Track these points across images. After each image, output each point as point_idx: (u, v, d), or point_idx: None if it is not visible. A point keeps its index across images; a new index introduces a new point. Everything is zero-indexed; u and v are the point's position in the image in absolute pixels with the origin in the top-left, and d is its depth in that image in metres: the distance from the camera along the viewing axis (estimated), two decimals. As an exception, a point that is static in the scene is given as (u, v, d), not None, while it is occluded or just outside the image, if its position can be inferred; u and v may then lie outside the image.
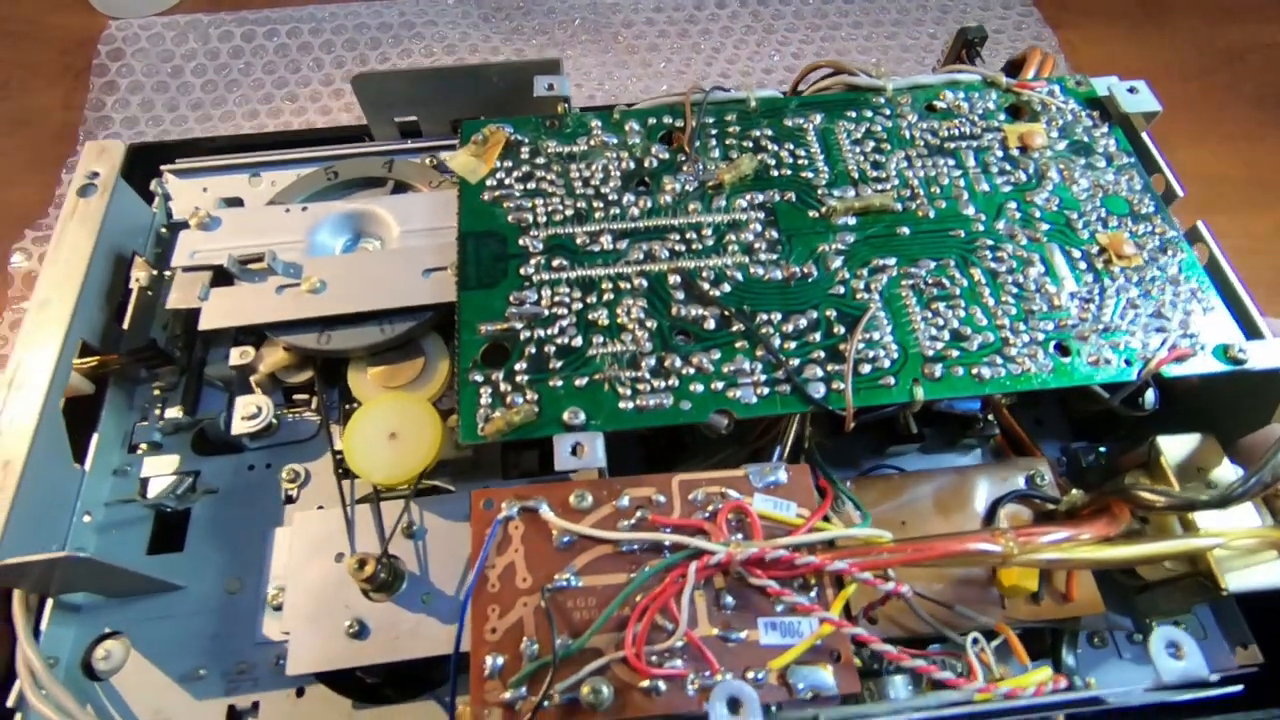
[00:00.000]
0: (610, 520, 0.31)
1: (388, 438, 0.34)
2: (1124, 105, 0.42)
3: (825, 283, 0.36)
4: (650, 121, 0.41)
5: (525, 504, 0.30)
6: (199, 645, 0.35)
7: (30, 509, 0.31)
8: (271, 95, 0.73)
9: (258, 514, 0.37)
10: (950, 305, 0.36)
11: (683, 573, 0.29)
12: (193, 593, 0.36)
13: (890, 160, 0.40)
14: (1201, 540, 0.32)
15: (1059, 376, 0.34)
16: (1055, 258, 0.37)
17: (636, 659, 0.27)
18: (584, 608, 0.29)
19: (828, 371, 0.34)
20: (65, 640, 0.34)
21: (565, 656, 0.28)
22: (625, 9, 0.80)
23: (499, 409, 0.33)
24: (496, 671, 0.28)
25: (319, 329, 0.37)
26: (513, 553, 0.30)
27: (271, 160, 0.45)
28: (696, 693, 0.27)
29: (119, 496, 0.38)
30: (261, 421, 0.37)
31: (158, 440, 0.39)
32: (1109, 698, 0.29)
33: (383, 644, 0.32)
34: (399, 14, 0.79)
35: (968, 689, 0.28)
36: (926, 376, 0.34)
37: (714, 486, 0.31)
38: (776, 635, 0.29)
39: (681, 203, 0.38)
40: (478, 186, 0.39)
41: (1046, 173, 0.40)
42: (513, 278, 0.36)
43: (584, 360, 0.34)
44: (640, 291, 0.36)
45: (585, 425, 0.32)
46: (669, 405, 0.33)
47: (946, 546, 0.30)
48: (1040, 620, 0.34)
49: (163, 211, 0.44)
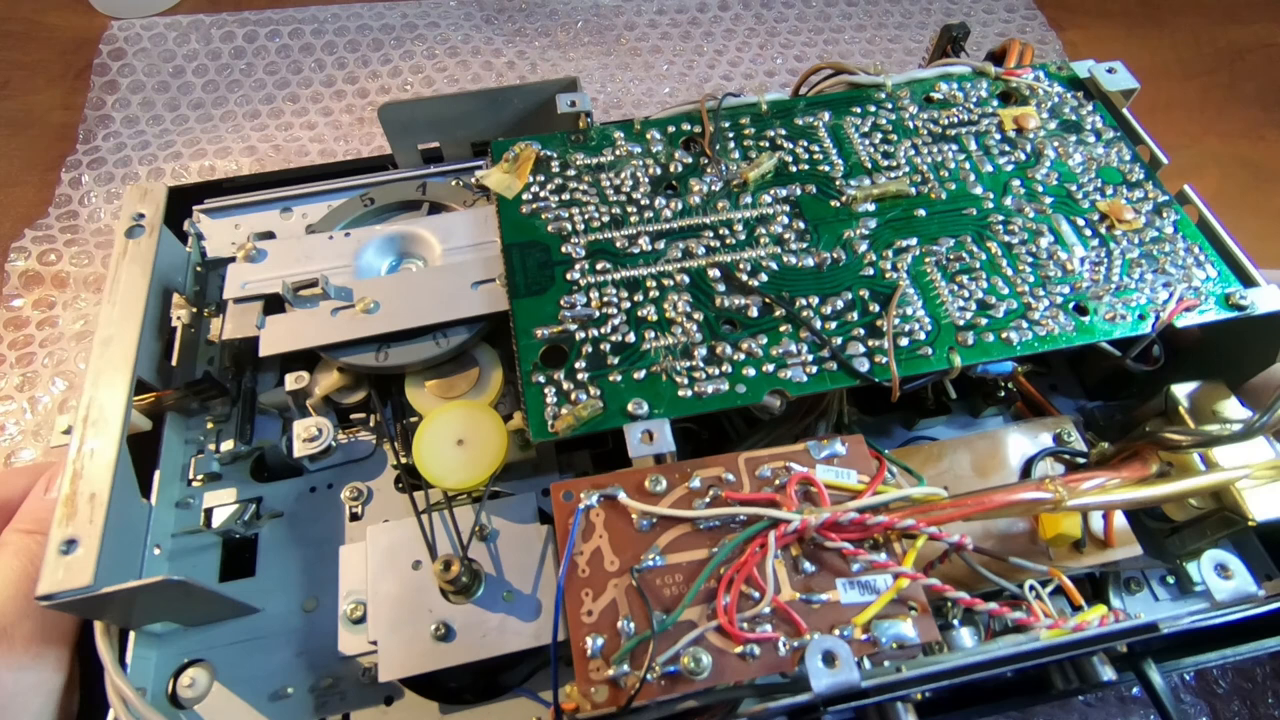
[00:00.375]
0: (685, 500, 0.32)
1: (455, 445, 0.36)
2: (1104, 85, 0.45)
3: (855, 265, 0.38)
4: (670, 129, 0.43)
5: (604, 492, 0.32)
6: (282, 665, 0.35)
7: (111, 542, 0.32)
8: (273, 96, 0.74)
9: (325, 533, 0.38)
10: (973, 277, 0.38)
11: (762, 543, 0.31)
12: (270, 614, 0.36)
13: (899, 149, 0.43)
14: (1228, 473, 0.34)
15: (1081, 334, 0.36)
16: (1062, 227, 0.40)
17: (730, 626, 0.29)
18: (671, 584, 0.30)
19: (869, 347, 0.36)
20: (148, 669, 0.34)
21: (661, 630, 0.29)
22: (628, 11, 0.81)
23: (565, 406, 0.34)
24: (598, 651, 0.29)
25: (376, 347, 0.38)
26: (597, 539, 0.31)
27: (301, 194, 0.46)
28: (789, 653, 0.29)
29: (185, 528, 0.38)
30: (323, 443, 0.38)
31: (217, 471, 0.40)
32: (1164, 624, 0.31)
33: (471, 643, 0.33)
34: (401, 15, 0.79)
35: (1039, 625, 0.30)
36: (960, 344, 0.36)
37: (777, 462, 0.33)
38: (856, 593, 0.30)
39: (710, 202, 0.41)
40: (515, 201, 0.40)
41: (1043, 151, 0.43)
42: (560, 283, 0.38)
43: (639, 354, 0.35)
44: (683, 287, 0.37)
45: (649, 415, 0.34)
46: (725, 390, 0.35)
47: (1003, 497, 0.32)
48: (1084, 566, 0.36)
49: (196, 250, 0.45)
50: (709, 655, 0.28)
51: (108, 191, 0.67)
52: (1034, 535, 0.37)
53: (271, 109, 0.73)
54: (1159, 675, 0.36)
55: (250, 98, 0.74)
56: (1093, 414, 0.44)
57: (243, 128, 0.72)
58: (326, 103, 0.74)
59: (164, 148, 0.70)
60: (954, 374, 0.36)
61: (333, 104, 0.74)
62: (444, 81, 0.75)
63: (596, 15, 0.80)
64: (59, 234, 0.64)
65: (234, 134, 0.71)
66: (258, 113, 0.73)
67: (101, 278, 0.62)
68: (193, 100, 0.73)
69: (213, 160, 0.69)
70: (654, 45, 0.79)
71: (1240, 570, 0.30)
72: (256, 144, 0.71)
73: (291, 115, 0.73)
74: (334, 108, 0.73)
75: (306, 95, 0.74)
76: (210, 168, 0.69)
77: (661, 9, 0.82)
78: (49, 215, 0.65)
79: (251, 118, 0.73)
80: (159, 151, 0.69)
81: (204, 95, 0.74)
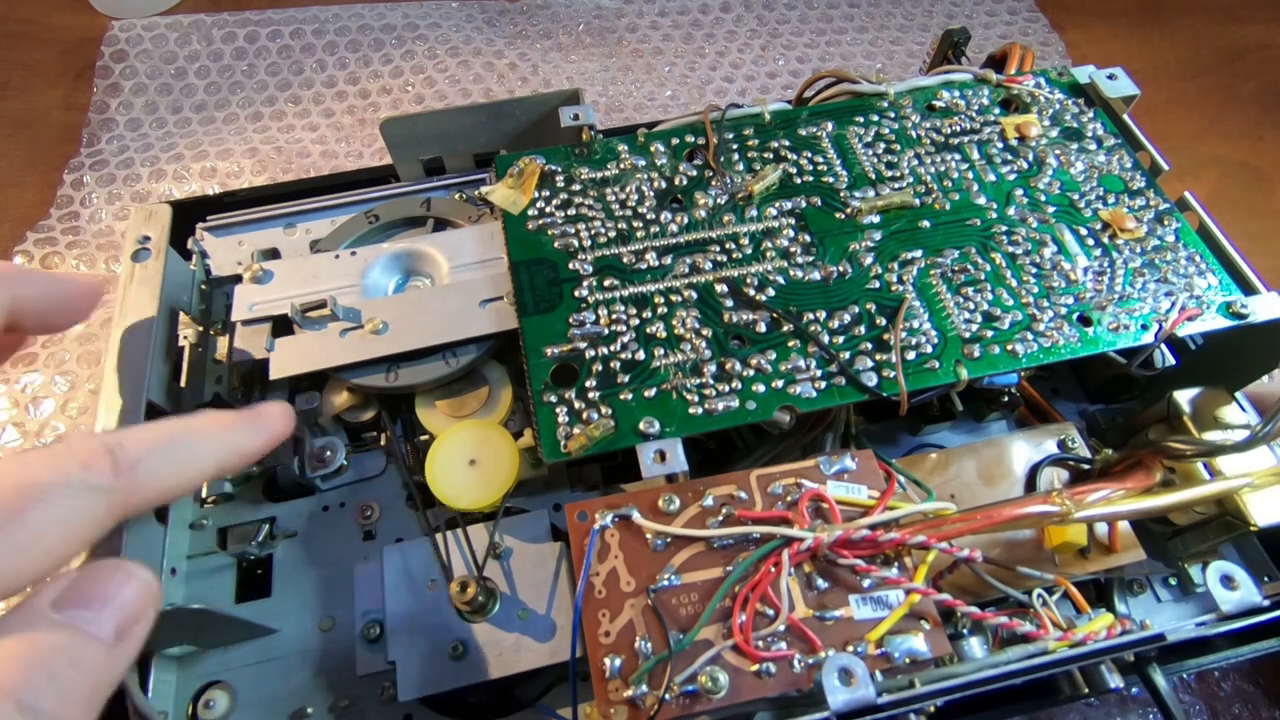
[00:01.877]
0: (699, 519, 0.32)
1: (468, 465, 0.36)
2: (1105, 91, 0.45)
3: (861, 278, 0.39)
4: (674, 141, 0.43)
5: (618, 512, 0.32)
6: (300, 686, 0.36)
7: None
8: (275, 97, 0.73)
9: (339, 552, 0.38)
10: (978, 289, 0.38)
11: (775, 561, 0.31)
12: (287, 635, 0.36)
13: (902, 159, 0.43)
14: (1232, 481, 0.35)
15: (1086, 345, 0.37)
16: (1065, 236, 0.40)
17: (746, 644, 0.29)
18: (687, 603, 0.31)
19: (877, 361, 0.36)
20: (169, 693, 0.35)
21: (679, 650, 0.29)
22: (630, 14, 0.81)
23: (577, 425, 0.34)
24: (616, 671, 0.29)
25: (386, 368, 0.38)
26: (613, 559, 0.32)
27: (305, 209, 0.46)
28: (804, 670, 0.29)
29: (199, 550, 0.38)
30: (336, 463, 0.38)
31: (229, 491, 0.40)
32: (1170, 634, 0.32)
33: (488, 662, 0.34)
34: (403, 16, 0.79)
35: (1047, 638, 0.31)
36: (966, 356, 0.36)
37: (789, 478, 0.34)
38: (869, 609, 0.31)
39: (716, 216, 0.41)
40: (521, 217, 0.40)
41: (1045, 159, 0.43)
42: (569, 301, 0.38)
43: (649, 372, 0.36)
44: (691, 303, 0.38)
45: (661, 433, 0.34)
46: (736, 406, 0.35)
47: (1011, 511, 0.32)
48: (1090, 573, 0.37)
49: (200, 268, 0.45)
50: (726, 674, 0.29)
51: (109, 193, 0.67)
52: (1040, 542, 0.37)
53: (274, 110, 0.73)
54: (1163, 678, 0.37)
55: (252, 99, 0.73)
56: (1095, 417, 0.44)
57: (245, 129, 0.71)
58: (329, 104, 0.73)
59: (166, 149, 0.69)
60: (960, 387, 0.36)
61: (335, 105, 0.73)
62: (445, 82, 0.75)
63: (598, 17, 0.80)
64: (60, 235, 0.64)
65: (236, 136, 0.71)
66: (260, 114, 0.72)
67: (103, 279, 0.61)
68: (195, 102, 0.73)
69: (214, 162, 0.69)
70: (655, 47, 0.79)
71: (1245, 581, 0.31)
72: (259, 145, 0.70)
73: (294, 117, 0.72)
74: (336, 109, 0.73)
75: (309, 96, 0.74)
76: (212, 169, 0.68)
77: (663, 11, 0.82)
78: (50, 216, 0.65)
79: (254, 119, 0.72)
80: (161, 154, 0.69)
81: (206, 97, 0.73)
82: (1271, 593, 0.41)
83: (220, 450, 0.24)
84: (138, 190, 0.67)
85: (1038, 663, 0.30)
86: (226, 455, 0.25)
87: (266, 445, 0.26)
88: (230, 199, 0.49)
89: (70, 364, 0.58)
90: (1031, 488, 0.39)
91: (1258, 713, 0.44)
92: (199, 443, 0.24)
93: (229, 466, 0.25)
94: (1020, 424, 0.44)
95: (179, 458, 0.23)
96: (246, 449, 0.25)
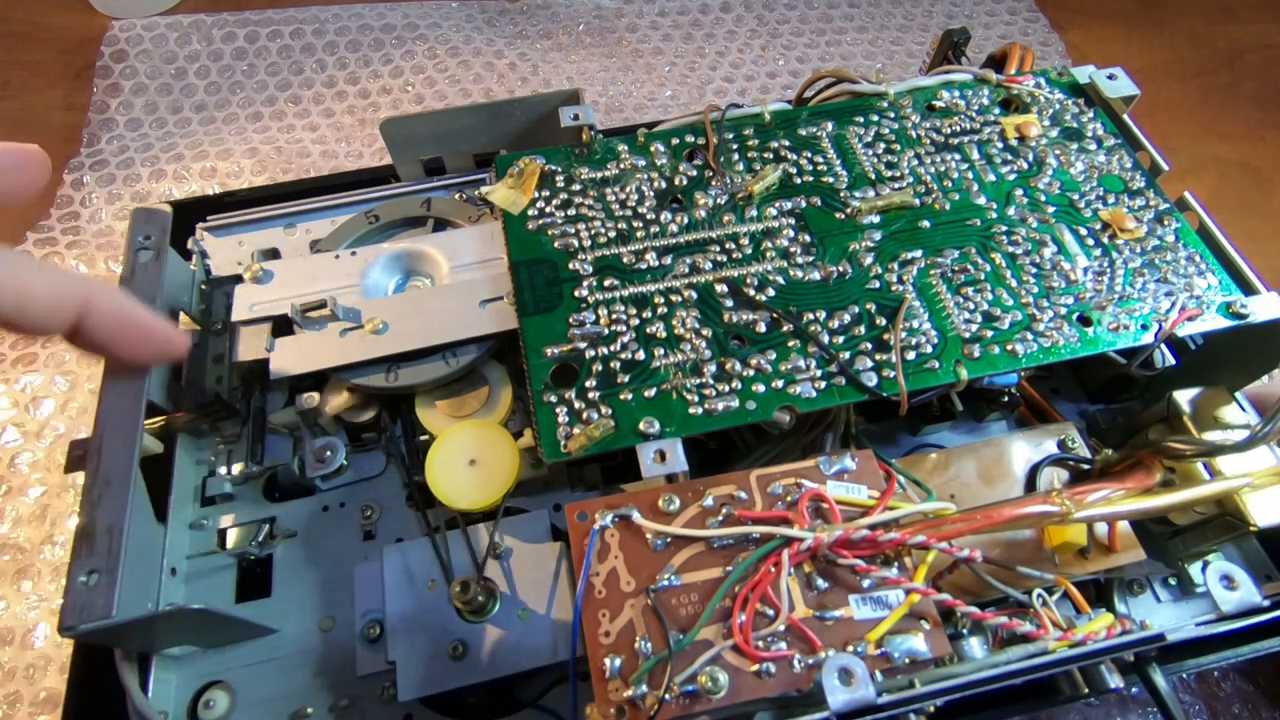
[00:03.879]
0: (699, 519, 0.32)
1: (468, 465, 0.36)
2: (1105, 91, 0.45)
3: (861, 279, 0.39)
4: (674, 141, 0.43)
5: (618, 512, 0.32)
6: (300, 686, 0.36)
7: (130, 570, 0.32)
8: (275, 97, 0.73)
9: (339, 552, 0.38)
10: (978, 289, 0.38)
11: (775, 561, 0.31)
12: (287, 634, 0.36)
13: (902, 159, 0.43)
14: (1232, 482, 0.35)
15: (1086, 345, 0.37)
16: (1065, 237, 0.40)
17: (746, 645, 0.29)
18: (687, 604, 0.31)
19: (876, 361, 0.36)
20: (169, 693, 0.35)
21: (678, 650, 0.29)
22: (630, 14, 0.81)
23: (577, 425, 0.34)
24: (616, 672, 0.29)
25: (386, 368, 0.38)
26: (613, 559, 0.32)
27: (305, 210, 0.46)
28: (804, 670, 0.29)
29: (199, 550, 0.38)
30: (335, 462, 0.38)
31: (229, 491, 0.40)
32: (1170, 634, 0.32)
33: (488, 662, 0.34)
34: (403, 16, 0.79)
35: (1047, 638, 0.31)
36: (966, 357, 0.36)
37: (789, 478, 0.33)
38: (869, 609, 0.31)
39: (715, 216, 0.41)
40: (521, 217, 0.40)
41: (1045, 159, 0.43)
42: (569, 301, 0.38)
43: (649, 372, 0.36)
44: (691, 303, 0.38)
45: (660, 433, 0.34)
46: (736, 407, 0.35)
47: (1012, 511, 0.32)
48: (1090, 573, 0.37)
49: (200, 268, 0.45)
50: (726, 674, 0.29)
51: (109, 193, 0.67)
52: (1040, 543, 0.37)
53: (274, 110, 0.73)
54: (1163, 678, 0.37)
55: (253, 99, 0.73)
56: (1094, 416, 0.44)
57: (245, 129, 0.71)
58: (329, 104, 0.73)
59: (166, 149, 0.69)
60: (960, 387, 0.36)
61: (335, 105, 0.73)
62: (445, 82, 0.75)
63: (598, 17, 0.80)
64: (60, 235, 0.64)
65: (236, 136, 0.71)
66: (260, 114, 0.72)
67: (103, 280, 0.61)
68: (195, 102, 0.73)
69: (214, 162, 0.69)
70: (655, 47, 0.79)
71: (1245, 581, 0.31)
72: (259, 145, 0.70)
73: (294, 117, 0.72)
74: (336, 109, 0.73)
75: (309, 96, 0.74)
76: (212, 169, 0.68)
77: (663, 11, 0.82)
78: (50, 217, 0.65)
79: (254, 119, 0.72)
80: (161, 154, 0.69)
81: (206, 97, 0.73)
82: (1271, 593, 0.41)
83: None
84: (138, 190, 0.67)
85: (1038, 663, 0.30)
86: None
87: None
88: (230, 199, 0.49)
89: (70, 364, 0.58)
90: (1031, 488, 0.39)
91: (1257, 713, 0.44)
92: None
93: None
94: (1020, 424, 0.44)
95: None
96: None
